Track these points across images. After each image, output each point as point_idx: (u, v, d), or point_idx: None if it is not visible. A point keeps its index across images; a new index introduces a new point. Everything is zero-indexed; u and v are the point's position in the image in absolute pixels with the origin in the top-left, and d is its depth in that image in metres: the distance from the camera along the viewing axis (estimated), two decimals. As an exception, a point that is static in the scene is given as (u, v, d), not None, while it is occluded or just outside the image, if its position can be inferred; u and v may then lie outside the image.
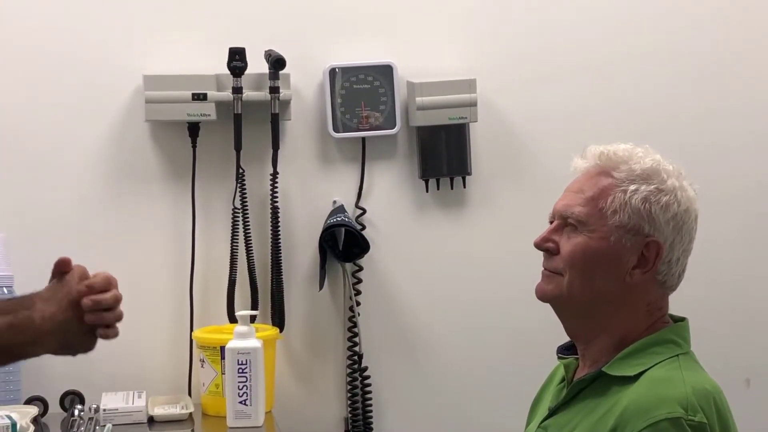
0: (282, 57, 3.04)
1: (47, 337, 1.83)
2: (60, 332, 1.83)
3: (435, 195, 3.26)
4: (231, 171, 3.11)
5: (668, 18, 3.36)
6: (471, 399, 3.28)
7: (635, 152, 2.01)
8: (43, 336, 1.82)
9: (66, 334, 1.84)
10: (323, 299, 3.20)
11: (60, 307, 1.84)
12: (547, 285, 2.00)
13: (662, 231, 1.95)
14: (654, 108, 3.35)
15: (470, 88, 3.17)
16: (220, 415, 2.89)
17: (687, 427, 1.82)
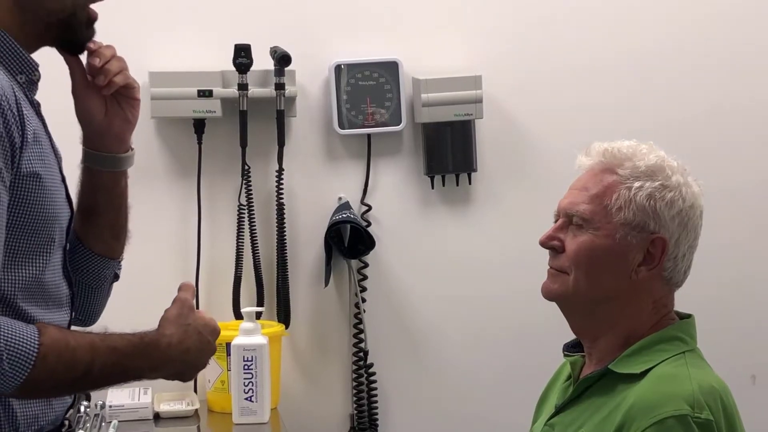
0: (287, 53, 3.04)
1: (169, 363, 1.82)
2: (180, 360, 1.83)
3: (440, 192, 3.26)
4: (236, 167, 3.11)
5: (673, 16, 3.35)
6: (476, 396, 3.28)
7: (639, 149, 2.00)
8: (165, 363, 1.81)
9: (186, 362, 1.84)
10: (329, 296, 3.20)
11: (186, 334, 1.83)
12: (552, 284, 2.00)
13: (667, 227, 1.95)
14: (660, 105, 3.34)
15: (476, 84, 3.17)
16: (226, 411, 2.89)
17: (693, 424, 1.82)
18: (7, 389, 1.65)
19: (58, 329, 1.73)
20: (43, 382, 1.68)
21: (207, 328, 1.87)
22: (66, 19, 1.79)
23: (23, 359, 1.64)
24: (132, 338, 1.77)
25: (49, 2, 1.77)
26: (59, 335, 1.70)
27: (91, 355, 1.71)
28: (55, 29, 1.80)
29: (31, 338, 1.66)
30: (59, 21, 1.79)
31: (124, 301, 2.31)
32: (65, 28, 1.80)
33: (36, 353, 1.65)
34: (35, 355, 1.65)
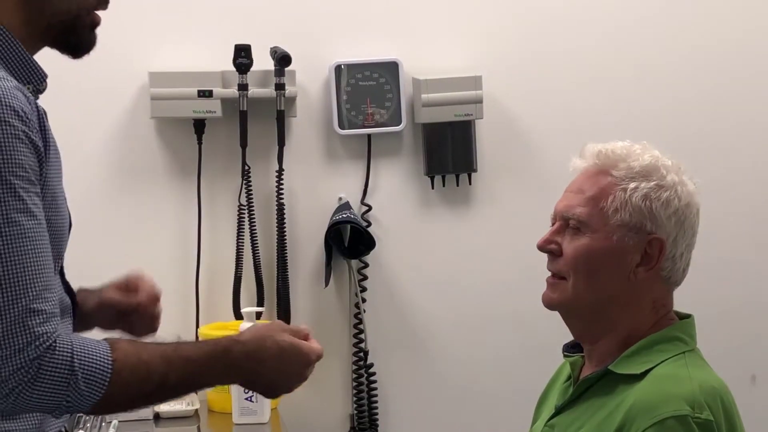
0: (287, 54, 3.04)
1: (240, 372, 1.78)
2: (252, 371, 1.78)
3: (440, 192, 3.26)
4: (237, 168, 3.11)
5: (672, 17, 3.35)
6: (476, 396, 3.28)
7: (633, 149, 2.00)
8: (237, 370, 1.77)
9: (259, 374, 1.79)
10: (329, 296, 3.20)
11: (264, 347, 1.79)
12: (552, 293, 1.99)
13: (664, 227, 1.95)
14: (659, 105, 3.34)
15: (476, 85, 3.17)
16: (226, 411, 2.89)
17: (693, 424, 1.81)
18: (84, 408, 1.65)
19: (130, 343, 1.72)
20: (118, 397, 1.67)
21: (294, 350, 1.81)
22: (69, 21, 1.78)
23: (99, 378, 1.63)
24: (205, 346, 1.76)
25: (55, 3, 1.76)
26: (131, 349, 1.69)
27: (166, 367, 1.70)
28: (57, 30, 1.78)
29: (104, 355, 1.65)
30: (62, 23, 1.77)
31: (124, 301, 2.30)
32: (68, 30, 1.79)
33: (111, 371, 1.64)
34: (110, 373, 1.64)
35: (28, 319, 1.59)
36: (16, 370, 1.58)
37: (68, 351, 1.62)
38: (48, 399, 1.61)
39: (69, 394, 1.61)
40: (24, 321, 1.59)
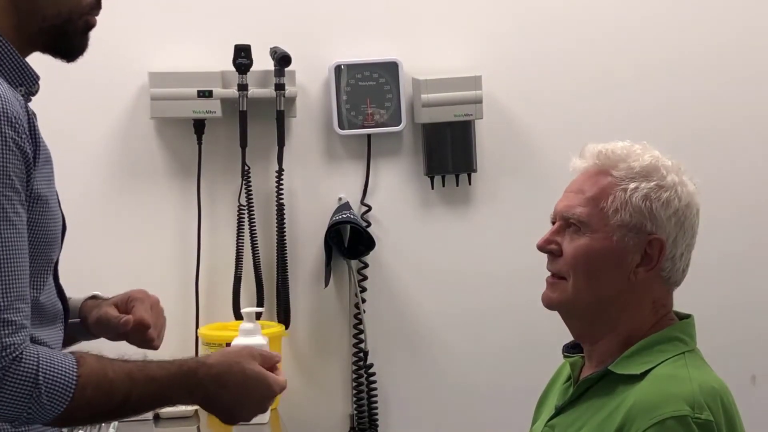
0: (287, 54, 3.04)
1: (203, 395, 1.78)
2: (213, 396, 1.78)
3: (440, 192, 3.26)
4: (236, 168, 3.11)
5: (673, 16, 3.35)
6: (476, 396, 3.28)
7: (633, 149, 2.00)
8: (200, 393, 1.77)
9: (219, 399, 1.79)
10: (329, 296, 3.20)
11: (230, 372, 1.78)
12: (552, 293, 1.99)
13: (664, 228, 1.95)
14: (659, 105, 3.34)
15: (476, 85, 3.17)
16: (226, 412, 2.89)
17: (693, 425, 1.81)
18: (45, 420, 1.65)
19: (96, 359, 1.71)
20: (80, 411, 1.67)
21: (258, 380, 1.81)
22: (61, 25, 1.77)
23: (62, 392, 1.64)
24: (170, 366, 1.76)
25: (45, 7, 1.75)
26: (97, 366, 1.69)
27: (129, 386, 1.70)
28: (48, 35, 1.77)
29: (69, 370, 1.65)
30: (53, 27, 1.76)
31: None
32: (59, 35, 1.78)
33: (75, 386, 1.65)
34: (74, 388, 1.64)
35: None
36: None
37: (34, 363, 1.62)
38: (8, 409, 1.62)
39: (30, 406, 1.62)
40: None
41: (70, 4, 1.76)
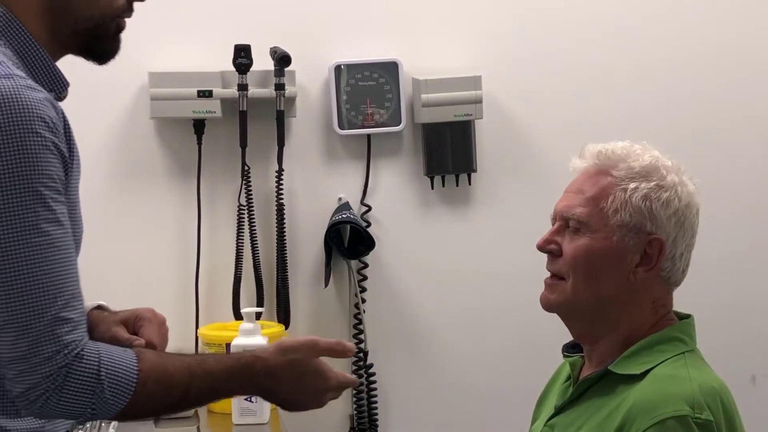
0: (287, 54, 3.04)
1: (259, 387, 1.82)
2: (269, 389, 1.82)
3: (440, 192, 3.26)
4: (236, 168, 3.11)
5: (673, 16, 3.35)
6: (476, 396, 3.28)
7: (633, 149, 2.00)
8: (257, 386, 1.81)
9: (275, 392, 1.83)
10: (329, 296, 3.20)
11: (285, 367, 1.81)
12: (551, 294, 1.99)
13: (664, 228, 1.95)
14: (659, 105, 3.35)
15: (476, 85, 3.17)
16: (226, 412, 2.89)
17: (693, 425, 1.81)
18: (108, 416, 1.68)
19: (156, 354, 1.75)
20: (142, 406, 1.70)
21: (316, 375, 1.84)
22: (93, 28, 1.79)
23: (124, 387, 1.66)
24: (228, 361, 1.79)
25: (79, 11, 1.76)
26: (157, 360, 1.72)
27: (188, 380, 1.73)
28: (81, 37, 1.79)
29: (130, 365, 1.68)
30: (86, 30, 1.78)
31: (124, 300, 2.30)
32: (91, 38, 1.80)
33: (136, 381, 1.67)
34: (135, 383, 1.67)
35: (56, 327, 1.61)
36: (44, 378, 1.61)
37: (95, 360, 1.64)
38: (73, 406, 1.63)
39: (94, 402, 1.64)
40: (52, 329, 1.60)
41: (103, 7, 1.78)
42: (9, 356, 1.61)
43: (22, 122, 1.60)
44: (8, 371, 1.62)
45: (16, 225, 1.60)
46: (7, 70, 1.64)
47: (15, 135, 1.60)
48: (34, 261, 1.61)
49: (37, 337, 1.60)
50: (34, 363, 1.60)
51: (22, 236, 1.60)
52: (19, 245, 1.60)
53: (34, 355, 1.60)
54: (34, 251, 1.61)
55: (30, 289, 1.60)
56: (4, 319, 1.60)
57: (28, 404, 1.63)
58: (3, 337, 1.61)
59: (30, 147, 1.60)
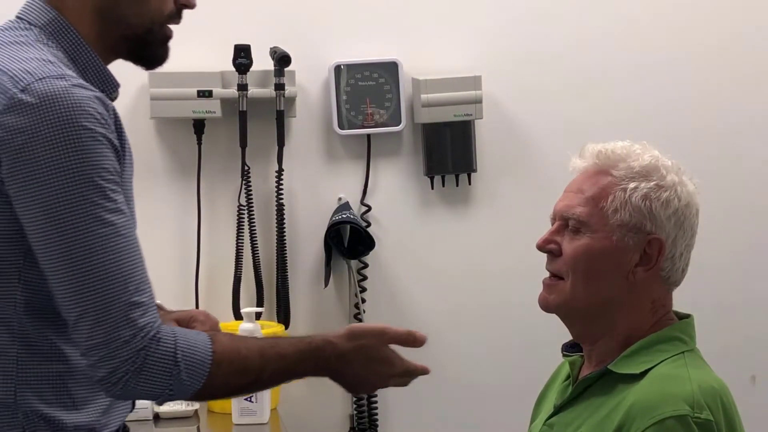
0: (287, 54, 3.04)
1: (329, 370, 1.87)
2: (338, 371, 1.87)
3: (440, 192, 3.26)
4: (236, 168, 3.11)
5: (672, 16, 3.36)
6: (475, 395, 3.28)
7: (633, 149, 1.99)
8: (327, 369, 1.87)
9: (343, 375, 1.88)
10: (329, 296, 3.20)
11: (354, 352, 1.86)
12: (549, 294, 1.99)
13: (664, 227, 1.94)
14: (658, 105, 3.35)
15: (475, 85, 3.17)
16: (226, 411, 2.89)
17: (693, 424, 1.81)
18: (185, 396, 1.74)
19: (229, 337, 1.79)
20: (216, 388, 1.76)
21: (383, 361, 1.91)
22: (142, 34, 1.83)
23: (199, 368, 1.71)
24: (299, 344, 1.84)
25: (129, 17, 1.81)
26: (230, 343, 1.76)
27: (262, 362, 1.78)
28: (131, 43, 1.83)
29: (205, 347, 1.73)
30: (135, 35, 1.83)
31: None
32: (140, 43, 1.84)
33: (210, 362, 1.72)
34: (210, 364, 1.72)
35: (130, 312, 1.66)
36: (124, 362, 1.66)
37: (172, 342, 1.70)
38: (153, 387, 1.69)
39: (172, 384, 1.70)
40: (127, 315, 1.66)
41: (152, 14, 1.82)
42: (87, 344, 1.66)
43: (73, 118, 1.64)
44: (88, 359, 1.67)
45: (79, 219, 1.64)
46: (59, 70, 1.69)
47: (68, 131, 1.64)
48: (101, 251, 1.65)
49: (113, 324, 1.65)
50: (113, 348, 1.65)
51: (87, 229, 1.64)
52: (86, 238, 1.64)
53: (112, 340, 1.65)
54: (100, 242, 1.65)
55: (101, 279, 1.65)
56: (79, 311, 1.65)
57: (110, 387, 1.68)
58: (80, 327, 1.66)
59: (83, 141, 1.65)
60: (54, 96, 1.65)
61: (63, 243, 1.64)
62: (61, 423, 1.74)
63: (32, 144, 1.63)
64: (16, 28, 1.79)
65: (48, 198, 1.64)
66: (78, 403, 1.75)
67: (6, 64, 1.70)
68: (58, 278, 1.66)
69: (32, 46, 1.75)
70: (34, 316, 1.72)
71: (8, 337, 1.71)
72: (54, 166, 1.63)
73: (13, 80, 1.67)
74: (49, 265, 1.66)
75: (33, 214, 1.65)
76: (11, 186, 1.65)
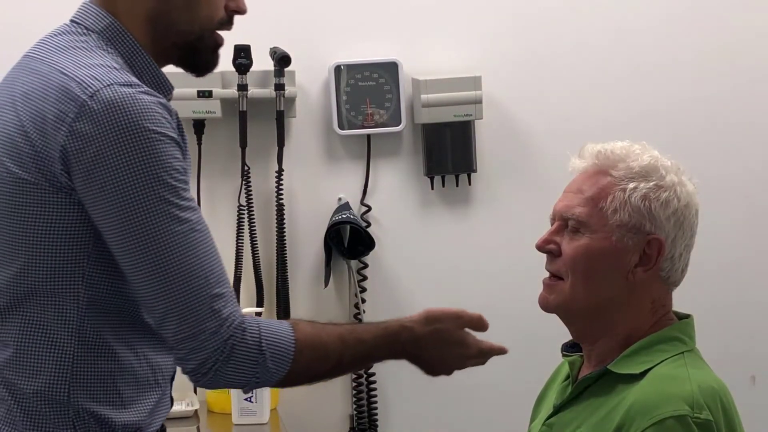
0: (287, 54, 3.04)
1: (406, 354, 1.96)
2: (414, 355, 1.97)
3: (440, 192, 3.26)
4: (236, 168, 3.11)
5: (672, 15, 3.36)
6: (475, 396, 3.28)
7: (632, 149, 1.99)
8: (403, 353, 1.95)
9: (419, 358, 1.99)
10: (328, 296, 3.20)
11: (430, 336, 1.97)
12: (549, 295, 1.99)
13: (663, 228, 1.95)
14: (658, 106, 3.35)
15: (475, 85, 3.17)
16: (226, 412, 2.90)
17: (693, 424, 1.81)
18: (271, 384, 1.80)
19: (310, 324, 1.85)
20: (299, 375, 1.82)
21: (459, 343, 2.00)
22: (193, 41, 1.86)
23: (284, 356, 1.77)
24: (376, 330, 1.91)
25: (180, 23, 1.84)
26: (311, 330, 1.83)
27: (342, 348, 1.84)
28: (181, 50, 1.87)
29: (287, 335, 1.78)
30: (186, 43, 1.86)
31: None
32: (191, 50, 1.87)
33: (293, 350, 1.78)
34: (293, 352, 1.78)
35: (214, 303, 1.72)
36: (213, 352, 1.72)
37: (256, 331, 1.75)
38: (240, 376, 1.75)
39: (258, 372, 1.76)
40: (211, 306, 1.72)
41: (202, 21, 1.86)
42: (175, 339, 1.72)
43: (142, 123, 1.68)
44: (177, 352, 1.73)
45: (157, 219, 1.69)
46: (126, 77, 1.73)
47: (137, 136, 1.68)
48: (181, 248, 1.70)
49: (199, 317, 1.71)
50: (202, 340, 1.71)
51: (165, 228, 1.69)
52: (165, 237, 1.69)
53: (199, 333, 1.71)
54: (179, 239, 1.70)
55: (183, 275, 1.70)
56: (164, 309, 1.71)
57: (200, 378, 1.75)
58: (167, 324, 1.71)
59: (153, 145, 1.69)
60: (122, 102, 1.68)
61: (143, 245, 1.69)
62: (111, 421, 1.77)
63: (105, 152, 1.67)
64: (73, 32, 1.82)
65: (125, 203, 1.68)
66: (126, 402, 1.78)
67: (71, 69, 1.73)
68: (140, 279, 1.71)
69: (94, 51, 1.78)
70: (93, 315, 1.75)
71: (67, 335, 1.75)
72: (127, 171, 1.67)
73: (81, 86, 1.70)
74: (131, 267, 1.71)
75: (111, 219, 1.69)
76: (87, 194, 1.69)
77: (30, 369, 1.75)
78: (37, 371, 1.74)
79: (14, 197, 1.73)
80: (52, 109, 1.70)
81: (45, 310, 1.74)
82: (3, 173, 1.73)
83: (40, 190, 1.71)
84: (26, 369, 1.75)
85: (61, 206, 1.71)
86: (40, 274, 1.73)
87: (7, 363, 1.76)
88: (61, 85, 1.71)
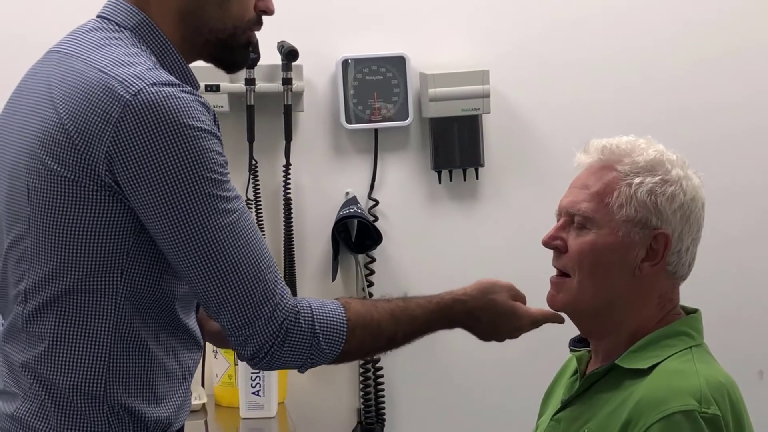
0: (295, 48, 3.04)
1: (460, 324, 2.02)
2: (468, 325, 2.04)
3: (447, 186, 3.26)
4: (244, 162, 3.11)
5: (675, 11, 3.35)
6: (483, 391, 3.28)
7: (638, 144, 1.99)
8: (458, 323, 2.02)
9: (473, 328, 2.05)
10: (336, 290, 3.20)
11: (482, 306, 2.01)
12: (557, 293, 1.99)
13: (670, 222, 1.94)
14: (663, 100, 3.34)
15: (483, 79, 3.17)
16: (233, 405, 2.90)
17: (700, 419, 1.81)
18: (326, 362, 1.85)
19: (360, 303, 1.89)
20: (353, 353, 1.87)
21: (511, 314, 2.02)
22: (224, 39, 1.87)
23: (336, 336, 1.82)
24: (428, 305, 1.96)
25: (211, 21, 1.85)
26: (362, 309, 1.87)
27: (395, 325, 1.90)
28: (213, 47, 1.88)
29: (339, 315, 1.83)
30: (218, 39, 1.87)
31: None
32: (223, 48, 1.89)
33: (346, 330, 1.83)
34: (345, 331, 1.82)
35: (266, 290, 1.76)
36: (269, 336, 1.77)
37: (309, 314, 1.80)
38: (296, 357, 1.80)
39: (312, 353, 1.81)
40: (264, 293, 1.76)
41: (234, 19, 1.87)
42: (232, 326, 1.76)
43: (184, 121, 1.70)
44: (234, 339, 1.78)
45: (204, 213, 1.72)
46: (166, 77, 1.75)
47: (180, 133, 1.70)
48: (230, 240, 1.73)
49: (254, 305, 1.75)
50: (258, 326, 1.76)
51: (213, 221, 1.73)
52: (214, 232, 1.73)
53: (255, 319, 1.75)
54: (227, 231, 1.73)
55: (234, 266, 1.74)
56: (219, 300, 1.75)
57: (257, 362, 1.79)
58: (224, 313, 1.75)
59: (196, 141, 1.71)
60: (165, 101, 1.70)
61: (194, 241, 1.72)
62: (143, 416, 1.78)
63: (151, 151, 1.69)
64: (105, 29, 1.82)
65: (174, 201, 1.70)
66: (158, 397, 1.80)
67: (111, 68, 1.73)
68: (193, 272, 1.73)
69: (129, 49, 1.78)
70: (129, 311, 1.76)
71: (104, 330, 1.76)
72: (174, 169, 1.70)
73: (124, 85, 1.71)
74: (184, 263, 1.73)
75: (161, 218, 1.71)
76: (134, 194, 1.71)
77: (66, 364, 1.75)
78: (73, 366, 1.75)
79: (54, 194, 1.73)
80: (95, 108, 1.71)
81: (83, 306, 1.75)
82: (42, 170, 1.73)
83: (80, 187, 1.72)
84: (62, 364, 1.76)
85: (102, 203, 1.72)
86: (80, 271, 1.74)
87: (41, 358, 1.76)
88: (103, 84, 1.72)
